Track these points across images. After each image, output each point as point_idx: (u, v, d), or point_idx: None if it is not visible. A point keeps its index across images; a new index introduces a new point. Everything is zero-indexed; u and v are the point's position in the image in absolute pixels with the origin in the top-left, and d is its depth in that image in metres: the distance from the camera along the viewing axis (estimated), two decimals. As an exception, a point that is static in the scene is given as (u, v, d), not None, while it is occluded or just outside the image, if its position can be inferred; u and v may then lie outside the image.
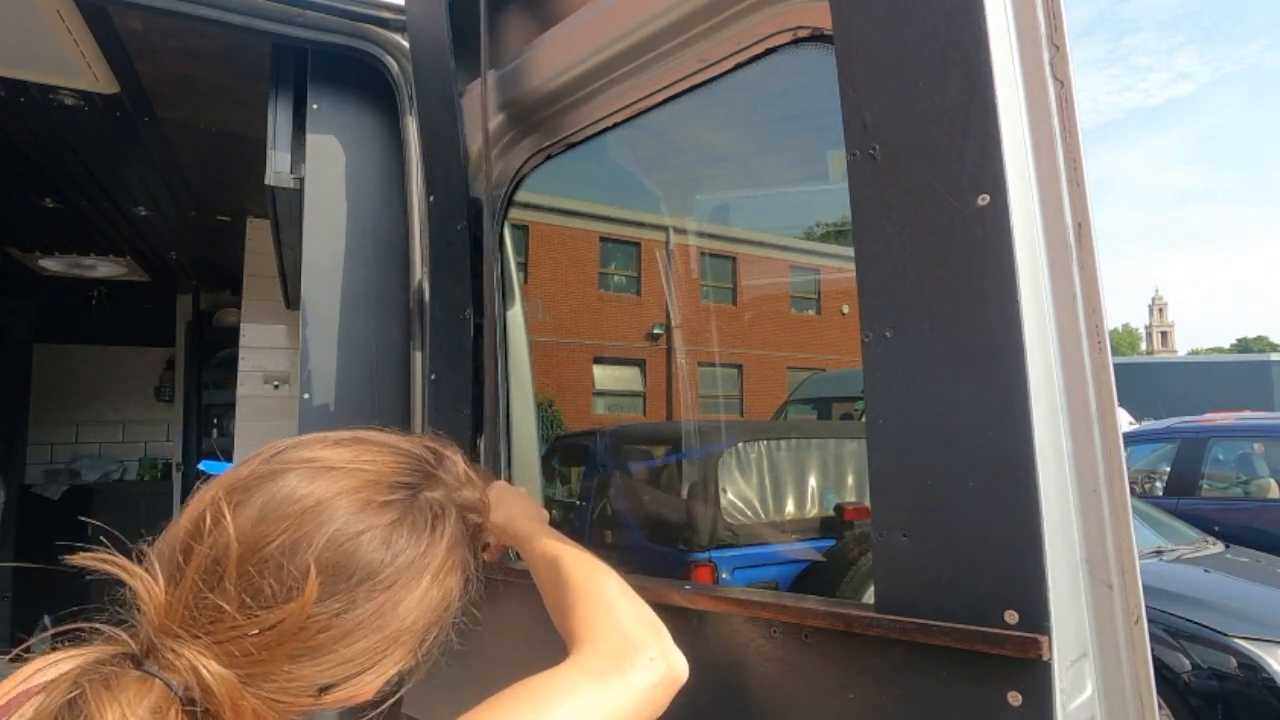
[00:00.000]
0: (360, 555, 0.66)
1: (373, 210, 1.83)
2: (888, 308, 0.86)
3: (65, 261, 4.69)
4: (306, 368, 1.73)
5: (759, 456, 3.90)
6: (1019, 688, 0.75)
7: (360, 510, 0.68)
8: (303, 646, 0.62)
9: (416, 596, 0.69)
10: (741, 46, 1.19)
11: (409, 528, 0.70)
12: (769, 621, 0.97)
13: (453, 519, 0.75)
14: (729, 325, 15.26)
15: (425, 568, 0.70)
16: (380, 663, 0.68)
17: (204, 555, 0.63)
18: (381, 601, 0.66)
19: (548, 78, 1.42)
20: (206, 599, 0.61)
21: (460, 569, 0.76)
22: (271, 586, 0.62)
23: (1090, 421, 0.80)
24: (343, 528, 0.66)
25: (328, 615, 0.63)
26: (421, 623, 0.71)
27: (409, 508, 0.71)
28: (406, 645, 0.71)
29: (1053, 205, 0.82)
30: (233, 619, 0.61)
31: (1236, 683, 3.68)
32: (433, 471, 0.77)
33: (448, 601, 0.75)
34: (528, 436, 1.79)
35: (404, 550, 0.69)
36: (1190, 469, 7.35)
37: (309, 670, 0.63)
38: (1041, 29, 0.82)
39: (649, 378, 17.66)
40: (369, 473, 0.71)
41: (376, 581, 0.66)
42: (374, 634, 0.66)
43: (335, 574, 0.64)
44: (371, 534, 0.67)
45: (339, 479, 0.69)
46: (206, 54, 2.13)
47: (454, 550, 0.75)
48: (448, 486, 0.78)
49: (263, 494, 0.66)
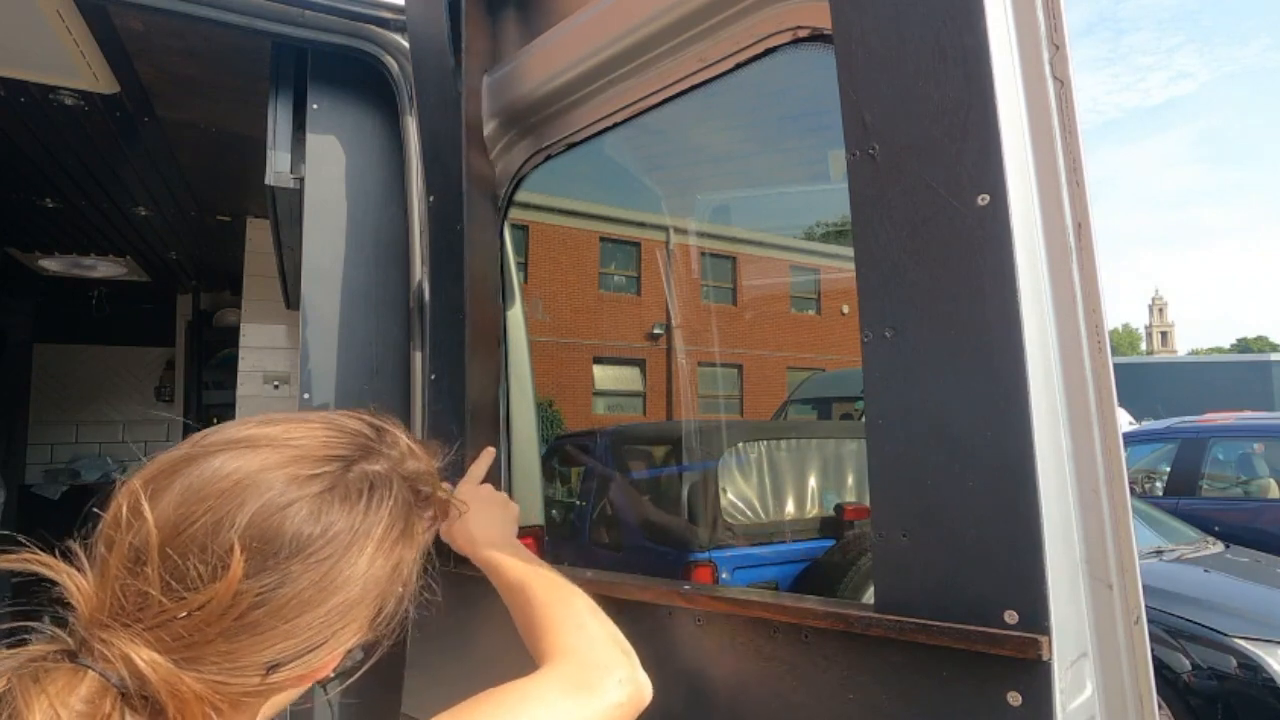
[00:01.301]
0: (288, 528, 0.64)
1: (373, 210, 1.83)
2: (888, 308, 0.86)
3: (65, 261, 4.70)
4: (306, 368, 1.73)
5: (759, 456, 3.90)
6: (1019, 688, 0.75)
7: (286, 484, 0.66)
8: (237, 625, 0.61)
9: (360, 567, 0.68)
10: (741, 46, 1.19)
11: (340, 498, 0.68)
12: (769, 621, 0.97)
13: (395, 488, 0.73)
14: (729, 325, 15.27)
15: (366, 537, 0.69)
16: (331, 638, 0.67)
17: (125, 543, 0.62)
18: (320, 574, 0.65)
19: (548, 77, 1.42)
20: (131, 586, 0.61)
21: (411, 539, 0.75)
22: (196, 568, 0.61)
23: (1090, 421, 0.80)
24: (268, 502, 0.64)
25: (259, 591, 0.62)
26: (372, 594, 0.70)
27: (340, 478, 0.69)
28: (359, 618, 0.69)
29: (1053, 205, 0.82)
30: (159, 603, 0.60)
31: (1236, 683, 3.68)
32: (371, 445, 0.75)
33: (401, 573, 0.73)
34: (528, 437, 1.79)
35: (337, 521, 0.67)
36: (1190, 469, 7.35)
37: (250, 648, 0.62)
38: (1041, 28, 0.82)
39: (649, 378, 17.67)
40: (297, 447, 0.70)
41: (309, 554, 0.65)
42: (316, 607, 0.65)
43: (262, 549, 0.63)
44: (298, 506, 0.65)
45: (265, 455, 0.67)
46: (206, 54, 2.13)
47: (399, 520, 0.73)
48: (390, 459, 0.76)
49: (184, 477, 0.65)
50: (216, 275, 5.32)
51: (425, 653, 1.51)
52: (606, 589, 1.13)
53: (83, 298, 5.59)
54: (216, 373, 5.64)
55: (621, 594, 1.13)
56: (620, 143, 1.58)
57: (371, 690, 1.66)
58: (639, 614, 1.11)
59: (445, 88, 1.55)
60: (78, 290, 5.47)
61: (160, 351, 6.07)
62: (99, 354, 5.96)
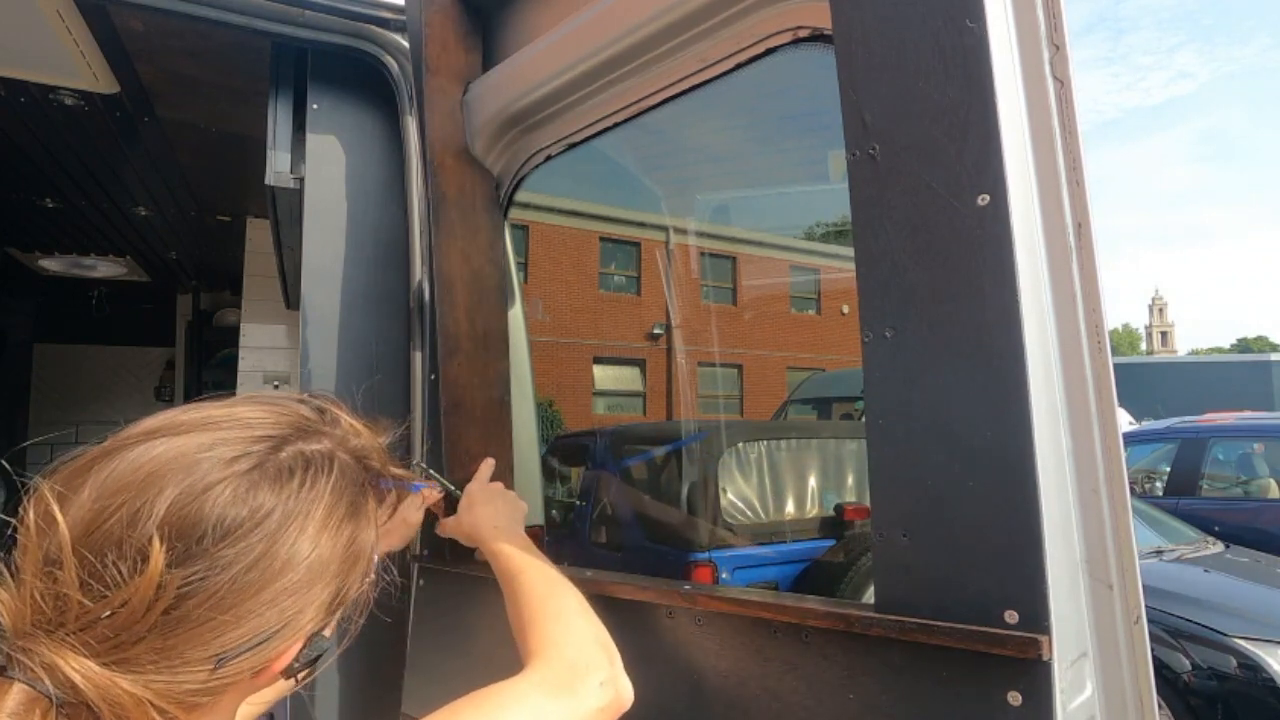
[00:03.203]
0: (210, 512, 0.60)
1: (373, 210, 1.83)
2: (888, 308, 0.86)
3: (65, 261, 4.70)
4: (306, 368, 1.73)
5: (759, 456, 3.90)
6: (1019, 688, 0.75)
7: (210, 467, 0.62)
8: (168, 619, 0.58)
9: (303, 549, 0.64)
10: (741, 46, 1.19)
11: (270, 478, 0.64)
12: (769, 621, 0.97)
13: (337, 466, 0.69)
14: (729, 325, 15.27)
15: (305, 517, 0.65)
16: (284, 625, 0.63)
17: (37, 549, 0.59)
18: (253, 558, 0.61)
19: (548, 77, 1.42)
20: (49, 591, 0.58)
21: (364, 517, 0.71)
22: (115, 565, 0.57)
23: (1090, 421, 0.80)
24: (188, 488, 0.60)
25: (185, 580, 0.58)
26: (322, 576, 0.66)
27: (269, 457, 0.65)
28: (314, 603, 0.65)
29: (1053, 205, 0.82)
30: (79, 605, 0.57)
31: (1236, 683, 3.68)
32: (309, 425, 0.71)
33: (354, 553, 0.69)
34: (528, 437, 1.79)
35: (266, 501, 0.63)
36: (1190, 469, 7.36)
37: (189, 642, 0.59)
38: (1041, 28, 0.82)
39: (649, 378, 17.68)
40: (222, 430, 0.65)
41: (237, 538, 0.61)
42: (257, 594, 0.61)
43: (185, 536, 0.59)
44: (221, 488, 0.61)
45: (185, 440, 0.63)
46: (207, 54, 2.13)
47: (345, 497, 0.69)
48: (333, 438, 0.72)
49: (99, 472, 0.61)
50: (216, 275, 5.32)
51: (425, 652, 1.51)
52: (606, 589, 1.14)
53: (83, 298, 5.59)
54: (216, 373, 5.65)
55: (621, 594, 1.14)
56: (620, 143, 1.58)
57: (371, 690, 1.66)
58: (639, 614, 1.11)
59: (445, 88, 1.55)
60: (78, 290, 5.47)
61: (160, 351, 6.08)
62: (99, 354, 5.97)
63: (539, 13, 1.51)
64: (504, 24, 1.60)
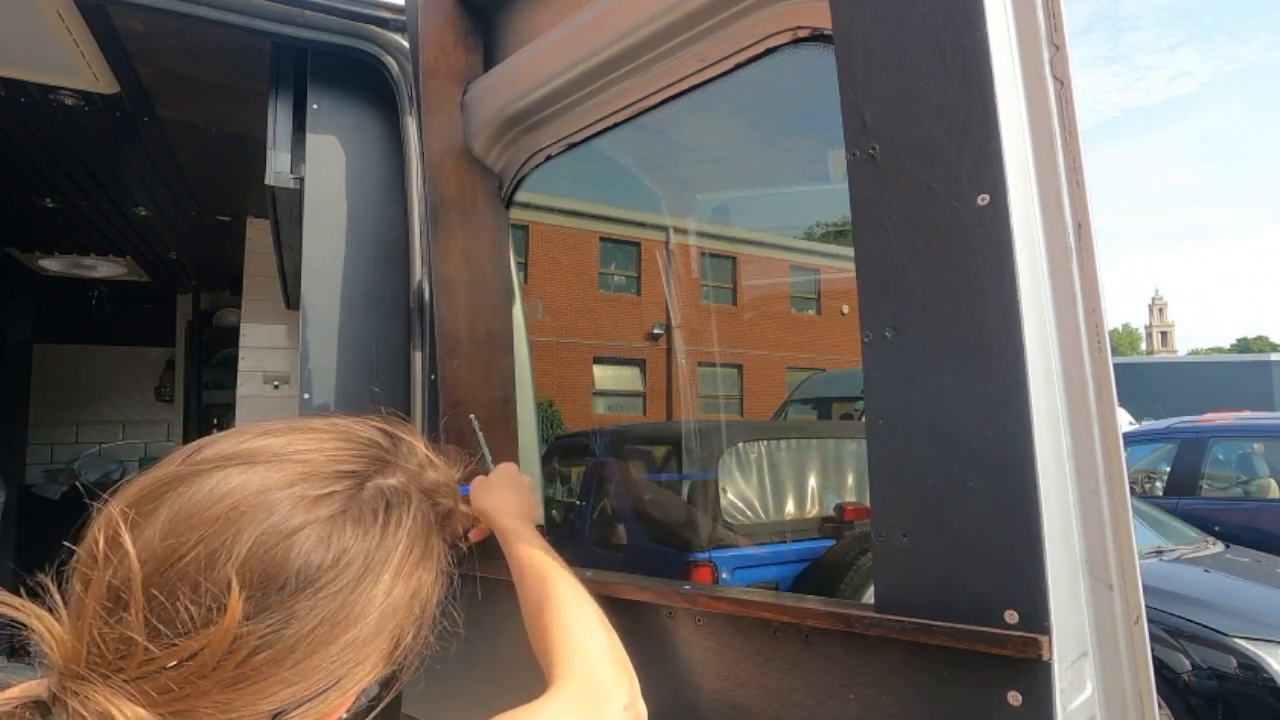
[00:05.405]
0: (293, 559, 0.56)
1: (373, 210, 1.83)
2: (888, 308, 0.86)
3: (65, 261, 4.70)
4: (306, 368, 1.73)
5: (759, 456, 3.90)
6: (1019, 688, 0.75)
7: (292, 507, 0.58)
8: (236, 673, 0.53)
9: (377, 598, 0.60)
10: (741, 46, 1.19)
11: (354, 521, 0.60)
12: (769, 621, 0.97)
13: (414, 505, 0.66)
14: (729, 325, 15.27)
15: (383, 564, 0.61)
16: (345, 677, 0.59)
17: (103, 582, 0.54)
18: (332, 609, 0.57)
19: (547, 77, 1.42)
20: (112, 632, 0.53)
21: (432, 560, 0.68)
22: (187, 609, 0.53)
23: (1090, 421, 0.80)
24: (270, 530, 0.56)
25: (261, 633, 0.54)
26: (389, 626, 0.62)
27: (353, 497, 0.62)
28: (375, 653, 0.61)
29: (1053, 205, 0.82)
30: (145, 651, 0.52)
31: (1236, 683, 3.68)
32: (386, 457, 0.68)
33: (421, 598, 0.66)
34: (528, 437, 1.79)
35: (351, 546, 0.59)
36: (1190, 469, 7.35)
37: (251, 698, 0.54)
38: (1041, 28, 0.82)
39: (649, 378, 17.67)
40: (304, 463, 0.61)
41: (319, 587, 0.57)
42: (327, 646, 0.57)
43: (265, 585, 0.55)
44: (307, 532, 0.57)
45: (266, 473, 0.59)
46: (206, 54, 2.13)
47: (419, 540, 0.65)
48: (407, 471, 0.68)
49: (172, 501, 0.57)
50: (216, 275, 5.32)
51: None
52: (606, 589, 1.13)
53: (83, 298, 5.59)
54: (216, 373, 5.65)
55: (621, 594, 1.13)
56: (620, 143, 1.58)
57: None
58: (639, 614, 1.11)
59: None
60: (78, 290, 5.47)
61: (160, 351, 6.07)
62: (99, 354, 5.96)
63: (539, 13, 1.51)
64: (504, 24, 1.60)
